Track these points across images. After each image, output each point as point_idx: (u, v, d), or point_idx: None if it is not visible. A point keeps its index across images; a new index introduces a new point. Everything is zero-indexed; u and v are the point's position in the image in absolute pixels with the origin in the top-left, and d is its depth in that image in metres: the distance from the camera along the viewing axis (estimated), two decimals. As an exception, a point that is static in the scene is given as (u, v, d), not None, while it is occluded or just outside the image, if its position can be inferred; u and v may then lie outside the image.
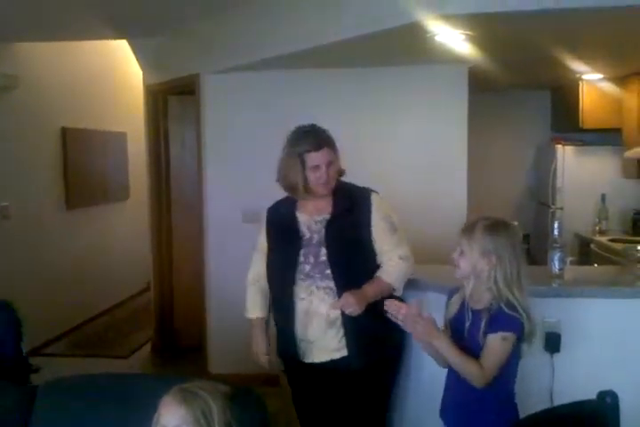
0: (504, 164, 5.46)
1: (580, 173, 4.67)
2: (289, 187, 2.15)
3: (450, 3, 2.43)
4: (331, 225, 2.12)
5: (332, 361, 2.13)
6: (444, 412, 1.91)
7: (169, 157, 4.55)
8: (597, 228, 4.50)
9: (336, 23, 2.90)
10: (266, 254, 2.27)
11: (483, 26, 2.64)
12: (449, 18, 2.48)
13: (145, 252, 4.75)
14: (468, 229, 1.76)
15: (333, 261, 2.06)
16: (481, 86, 4.15)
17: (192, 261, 4.17)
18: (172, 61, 4.27)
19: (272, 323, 2.33)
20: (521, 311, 1.70)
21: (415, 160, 3.71)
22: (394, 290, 2.14)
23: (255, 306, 2.31)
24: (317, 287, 2.09)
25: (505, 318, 1.69)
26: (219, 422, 1.35)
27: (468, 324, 1.78)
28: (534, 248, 4.59)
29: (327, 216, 2.14)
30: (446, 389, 1.90)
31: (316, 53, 3.18)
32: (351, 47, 3.06)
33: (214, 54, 3.82)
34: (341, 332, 2.09)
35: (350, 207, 2.15)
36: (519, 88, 5.21)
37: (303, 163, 2.08)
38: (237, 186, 3.84)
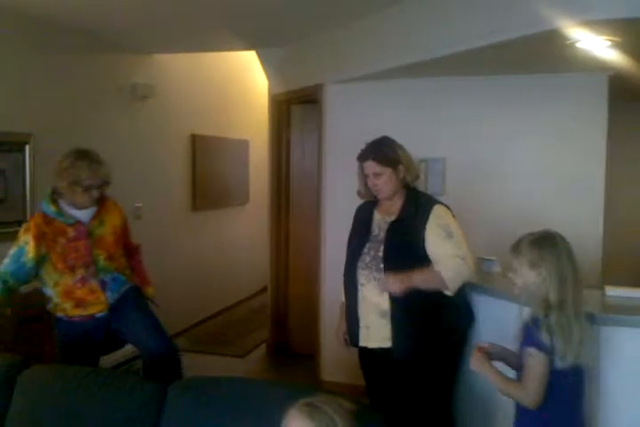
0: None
1: None
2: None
3: (595, 8, 2.27)
4: (392, 226, 2.37)
5: (381, 349, 2.36)
6: None
7: (290, 165, 4.66)
8: None
9: (467, 31, 2.81)
10: None
11: (632, 31, 2.44)
12: (594, 24, 2.32)
13: (263, 254, 4.89)
14: (516, 246, 1.81)
15: (386, 256, 2.31)
16: (622, 96, 3.85)
17: (309, 266, 4.23)
18: (296, 71, 4.38)
19: None
20: (543, 330, 1.68)
21: (550, 175, 3.50)
22: (446, 286, 2.26)
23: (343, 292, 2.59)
24: (374, 278, 2.34)
25: (530, 332, 1.72)
26: (343, 440, 1.34)
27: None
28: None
29: (394, 218, 2.39)
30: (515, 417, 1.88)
31: (444, 62, 3.11)
32: (481, 56, 2.96)
33: (337, 64, 3.86)
34: (389, 324, 2.30)
35: (414, 213, 2.36)
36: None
37: (362, 169, 2.43)
38: (355, 192, 3.84)
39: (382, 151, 2.39)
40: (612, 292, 2.19)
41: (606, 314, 2.00)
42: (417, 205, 2.39)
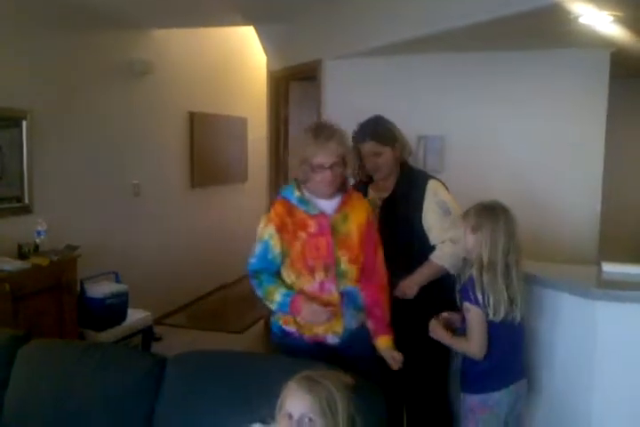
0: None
1: None
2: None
3: (599, -19, 2.24)
4: (386, 203, 2.39)
5: None
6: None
7: (288, 142, 4.64)
8: None
9: (469, 6, 2.77)
10: None
11: (635, 6, 2.42)
12: (597, -2, 2.30)
13: (261, 233, 4.88)
14: (465, 213, 2.02)
15: (384, 233, 2.25)
16: (623, 72, 3.81)
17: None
18: (294, 47, 4.33)
19: None
20: (477, 288, 1.91)
21: (548, 150, 3.50)
22: (448, 271, 2.30)
23: None
24: None
25: (466, 289, 1.95)
26: (342, 413, 1.36)
27: None
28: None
29: (388, 195, 2.42)
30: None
31: (444, 38, 3.08)
32: (482, 31, 2.93)
33: (337, 40, 3.82)
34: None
35: (408, 189, 2.38)
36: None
37: (358, 151, 2.39)
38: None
39: (380, 131, 2.39)
40: (608, 268, 2.20)
41: (602, 289, 2.01)
42: (410, 180, 2.41)
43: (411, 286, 2.30)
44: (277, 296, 2.02)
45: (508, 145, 3.51)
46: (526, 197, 3.25)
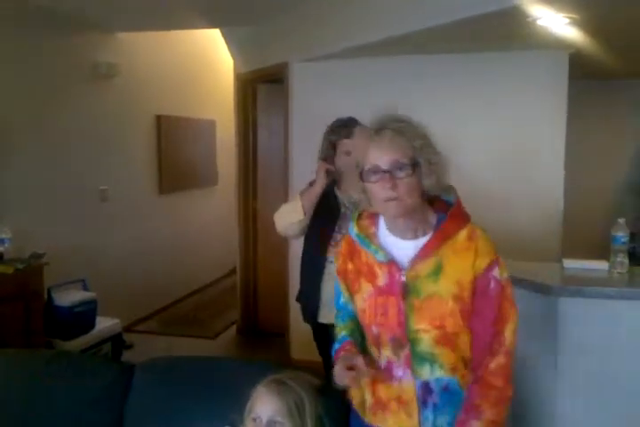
0: (604, 155, 5.13)
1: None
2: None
3: (555, -15, 2.30)
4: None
5: None
6: None
7: (256, 145, 4.63)
8: None
9: (429, 8, 2.81)
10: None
11: (590, 8, 2.48)
12: (553, 1, 2.35)
13: (233, 236, 4.88)
14: None
15: None
16: (582, 73, 3.91)
17: (277, 246, 4.24)
18: (262, 50, 4.33)
19: None
20: None
21: (509, 150, 3.56)
22: None
23: None
24: None
25: None
26: (310, 414, 1.37)
27: None
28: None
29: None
30: None
31: (408, 40, 3.11)
32: (444, 33, 2.97)
33: (303, 43, 3.83)
34: None
35: None
36: (624, 76, 4.87)
37: (335, 150, 2.36)
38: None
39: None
40: (570, 264, 2.25)
41: (563, 285, 2.06)
42: None
43: None
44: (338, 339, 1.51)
45: (469, 146, 3.56)
46: (488, 197, 3.29)
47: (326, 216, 2.44)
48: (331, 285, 2.35)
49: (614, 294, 2.00)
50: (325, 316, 2.40)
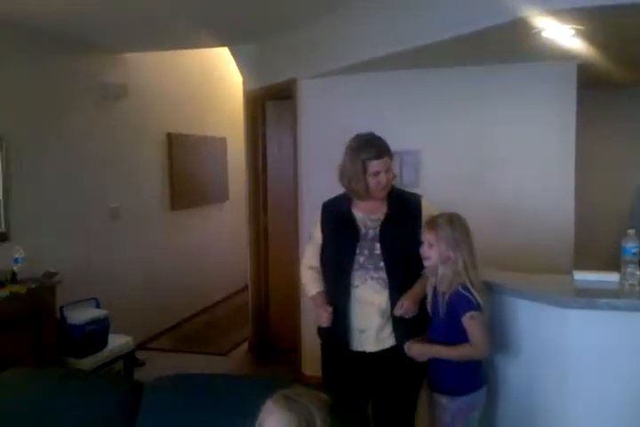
0: (614, 166, 5.08)
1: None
2: (352, 190, 2.37)
3: (559, -4, 2.30)
4: (386, 223, 2.33)
5: (383, 351, 2.30)
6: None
7: (266, 161, 4.66)
8: None
9: (435, 23, 2.83)
10: (320, 246, 2.46)
11: (594, 20, 2.48)
12: (557, 13, 2.35)
13: (243, 252, 4.88)
14: (433, 224, 2.13)
15: (387, 254, 2.28)
16: (591, 83, 3.90)
17: (288, 262, 4.24)
18: (270, 67, 4.37)
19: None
20: (473, 290, 2.02)
21: (520, 162, 3.54)
22: None
23: (315, 283, 2.47)
24: (371, 277, 2.28)
25: (465, 300, 2.02)
26: (320, 431, 1.35)
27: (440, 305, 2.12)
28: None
29: (381, 215, 2.35)
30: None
31: (414, 54, 3.13)
32: (450, 47, 2.98)
33: (311, 59, 3.86)
34: (390, 322, 2.28)
35: (403, 209, 2.37)
36: (633, 84, 4.84)
37: (365, 169, 2.28)
38: (333, 188, 3.84)
39: (387, 146, 2.33)
40: (580, 276, 2.23)
41: (574, 298, 2.04)
42: (403, 200, 2.39)
43: (412, 306, 2.24)
44: None
45: (480, 158, 3.55)
46: (501, 208, 3.29)
47: (345, 241, 2.34)
48: (359, 311, 2.31)
49: (626, 306, 1.97)
50: (360, 343, 2.32)
